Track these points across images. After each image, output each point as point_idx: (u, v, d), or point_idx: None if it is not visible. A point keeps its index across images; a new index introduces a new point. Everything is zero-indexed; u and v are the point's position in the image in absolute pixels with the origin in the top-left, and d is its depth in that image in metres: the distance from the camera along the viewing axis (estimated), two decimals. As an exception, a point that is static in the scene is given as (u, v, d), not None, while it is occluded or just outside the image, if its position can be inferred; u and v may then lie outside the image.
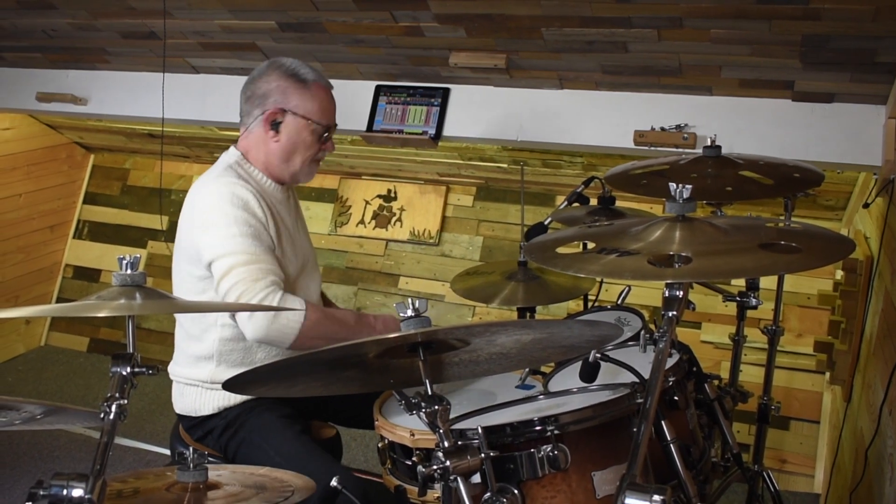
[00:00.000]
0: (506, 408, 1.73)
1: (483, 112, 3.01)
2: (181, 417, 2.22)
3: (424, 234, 4.03)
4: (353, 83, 3.13)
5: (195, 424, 2.17)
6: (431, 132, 3.02)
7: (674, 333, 1.32)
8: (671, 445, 1.58)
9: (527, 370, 2.00)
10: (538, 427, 1.46)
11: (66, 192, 4.66)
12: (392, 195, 4.12)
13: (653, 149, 2.73)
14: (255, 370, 1.49)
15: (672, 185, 1.42)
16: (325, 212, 4.21)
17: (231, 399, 2.12)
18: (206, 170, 2.23)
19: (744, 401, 2.28)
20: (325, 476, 1.77)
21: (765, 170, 2.05)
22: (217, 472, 1.65)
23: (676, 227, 1.40)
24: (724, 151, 2.08)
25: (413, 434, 1.72)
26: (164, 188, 4.47)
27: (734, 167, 2.04)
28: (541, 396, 1.77)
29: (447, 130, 3.03)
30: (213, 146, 4.12)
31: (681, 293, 1.31)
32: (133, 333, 1.46)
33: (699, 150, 2.28)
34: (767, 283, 2.30)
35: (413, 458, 1.73)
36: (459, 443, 1.39)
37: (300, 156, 2.18)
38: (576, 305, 3.33)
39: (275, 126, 2.16)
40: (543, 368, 2.04)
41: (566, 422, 1.47)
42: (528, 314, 2.31)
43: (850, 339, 2.71)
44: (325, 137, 2.21)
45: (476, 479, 1.40)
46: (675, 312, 1.31)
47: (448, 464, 1.33)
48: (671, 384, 1.72)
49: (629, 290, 2.21)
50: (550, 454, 1.43)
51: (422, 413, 1.37)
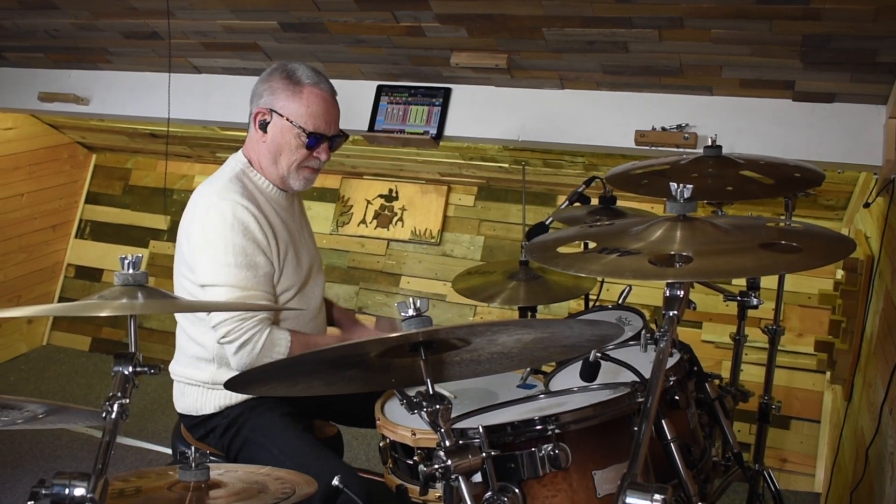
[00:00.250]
0: (507, 407, 1.73)
1: (484, 112, 3.01)
2: (183, 417, 2.22)
3: (426, 234, 4.03)
4: (355, 83, 3.14)
5: (197, 423, 2.18)
6: (433, 132, 3.02)
7: (675, 333, 1.32)
8: (672, 444, 1.58)
9: (528, 369, 2.01)
10: (539, 426, 1.47)
11: (68, 192, 4.67)
12: (393, 195, 4.12)
13: (654, 149, 2.73)
14: (257, 370, 1.49)
15: (673, 185, 1.42)
16: (327, 211, 4.21)
17: (233, 398, 2.12)
18: (209, 170, 2.23)
19: (744, 400, 2.29)
20: (329, 474, 1.78)
21: (765, 169, 2.05)
22: (218, 471, 1.65)
23: (677, 227, 1.40)
24: (725, 151, 2.08)
25: (414, 433, 1.73)
26: (167, 188, 4.48)
27: (735, 167, 2.04)
28: (542, 396, 1.77)
29: (448, 130, 3.04)
30: (216, 146, 4.12)
31: (682, 293, 1.31)
32: (135, 333, 1.47)
33: (700, 150, 2.28)
34: (768, 283, 2.30)
35: (414, 458, 1.73)
36: (461, 442, 1.39)
37: (285, 159, 2.14)
38: (577, 305, 3.33)
39: (263, 126, 2.14)
40: (544, 368, 2.04)
41: (567, 421, 1.47)
42: (530, 313, 2.31)
43: (851, 339, 2.71)
44: (312, 144, 2.13)
45: (477, 479, 1.41)
46: (676, 312, 1.31)
47: (449, 463, 1.33)
48: (672, 383, 1.72)
49: (630, 290, 2.22)
50: (551, 453, 1.43)
51: (423, 412, 1.37)
